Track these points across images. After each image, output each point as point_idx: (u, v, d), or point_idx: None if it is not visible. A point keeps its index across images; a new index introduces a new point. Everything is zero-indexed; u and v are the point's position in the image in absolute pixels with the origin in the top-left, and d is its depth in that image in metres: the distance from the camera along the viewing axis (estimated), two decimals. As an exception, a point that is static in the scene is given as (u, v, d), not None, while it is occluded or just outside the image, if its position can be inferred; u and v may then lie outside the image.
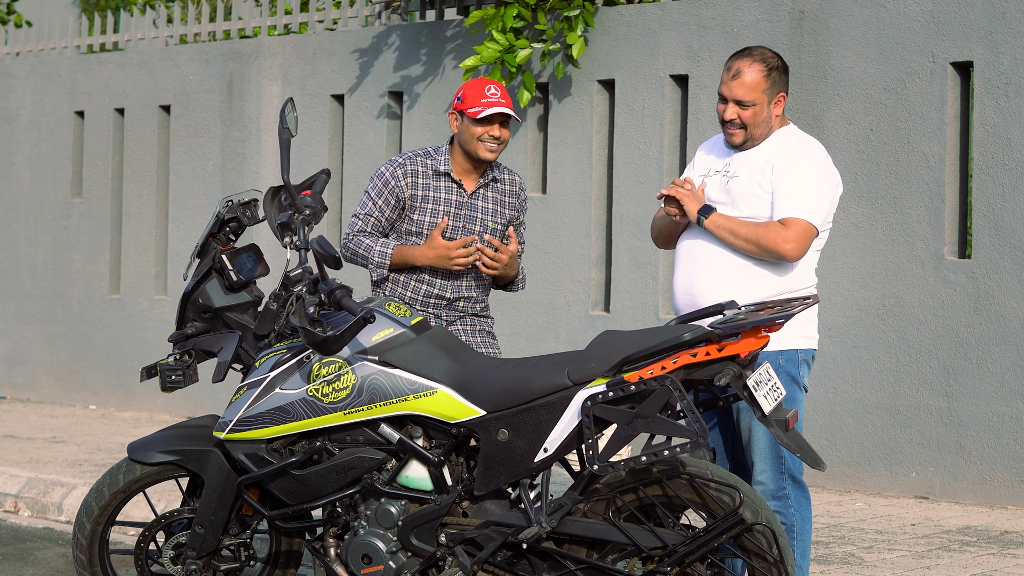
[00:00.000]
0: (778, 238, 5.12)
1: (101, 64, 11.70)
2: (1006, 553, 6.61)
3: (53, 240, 11.96)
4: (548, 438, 4.78)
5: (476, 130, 5.71)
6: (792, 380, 5.19)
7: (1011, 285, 7.68)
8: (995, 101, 7.76)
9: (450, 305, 5.78)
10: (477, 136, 5.70)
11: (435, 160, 5.81)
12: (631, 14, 9.01)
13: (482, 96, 5.71)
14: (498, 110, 5.67)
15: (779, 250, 5.13)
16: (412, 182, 5.75)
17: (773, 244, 5.13)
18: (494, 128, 5.72)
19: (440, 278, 5.75)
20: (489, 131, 5.71)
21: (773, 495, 5.18)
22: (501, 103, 5.69)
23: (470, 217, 5.79)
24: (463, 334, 5.81)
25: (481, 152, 5.73)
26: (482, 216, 5.80)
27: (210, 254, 5.35)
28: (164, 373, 5.33)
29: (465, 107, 5.72)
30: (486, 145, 5.72)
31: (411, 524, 4.92)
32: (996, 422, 7.72)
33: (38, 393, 12.05)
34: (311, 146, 10.40)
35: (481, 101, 5.69)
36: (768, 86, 5.22)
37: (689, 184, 5.30)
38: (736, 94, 5.21)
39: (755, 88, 5.21)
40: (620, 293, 9.00)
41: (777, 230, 5.13)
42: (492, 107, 5.67)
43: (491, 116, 5.69)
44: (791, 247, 5.12)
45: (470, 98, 5.72)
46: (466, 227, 5.77)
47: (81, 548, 5.34)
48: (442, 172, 5.78)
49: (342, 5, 10.57)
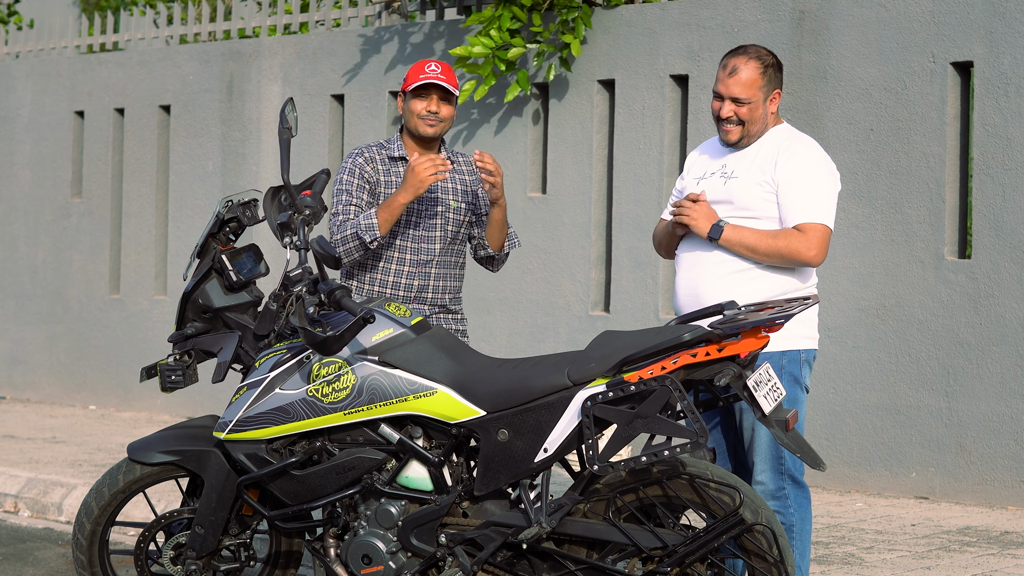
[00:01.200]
0: (800, 247, 5.11)
1: (101, 64, 11.70)
2: (1006, 553, 6.61)
3: (53, 240, 11.96)
4: (548, 438, 4.78)
5: (414, 105, 5.77)
6: (795, 380, 5.19)
7: (1011, 285, 7.68)
8: (995, 101, 7.76)
9: (418, 297, 5.78)
10: (416, 113, 5.76)
11: (388, 148, 5.88)
12: (631, 14, 9.00)
13: (421, 72, 5.78)
14: (430, 81, 5.73)
15: (802, 258, 5.13)
16: (373, 168, 5.81)
17: (796, 254, 5.12)
18: (432, 103, 5.76)
19: (408, 266, 5.77)
20: (427, 106, 5.76)
21: (773, 495, 5.18)
22: (438, 77, 5.74)
23: (430, 199, 5.83)
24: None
25: (421, 128, 5.78)
26: (442, 196, 5.85)
27: (210, 254, 5.35)
28: (164, 373, 5.33)
29: (405, 85, 5.80)
30: (425, 121, 5.77)
31: (411, 524, 4.92)
32: (996, 422, 7.72)
33: (38, 393, 12.05)
34: (311, 146, 10.40)
35: (420, 76, 5.76)
36: (764, 83, 5.23)
37: (692, 198, 5.26)
38: (733, 91, 5.21)
39: (752, 85, 5.21)
40: (620, 293, 9.00)
41: (797, 238, 5.12)
42: (427, 79, 5.73)
43: (426, 88, 5.74)
44: (814, 254, 5.13)
45: (411, 76, 5.81)
46: (428, 209, 5.81)
47: (81, 548, 5.34)
48: (396, 157, 5.85)
49: (342, 5, 10.57)
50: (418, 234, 5.79)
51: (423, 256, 5.78)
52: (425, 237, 5.79)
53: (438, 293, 5.83)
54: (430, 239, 5.80)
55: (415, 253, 5.78)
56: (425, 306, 5.80)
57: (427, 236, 5.79)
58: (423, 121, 5.77)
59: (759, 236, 5.15)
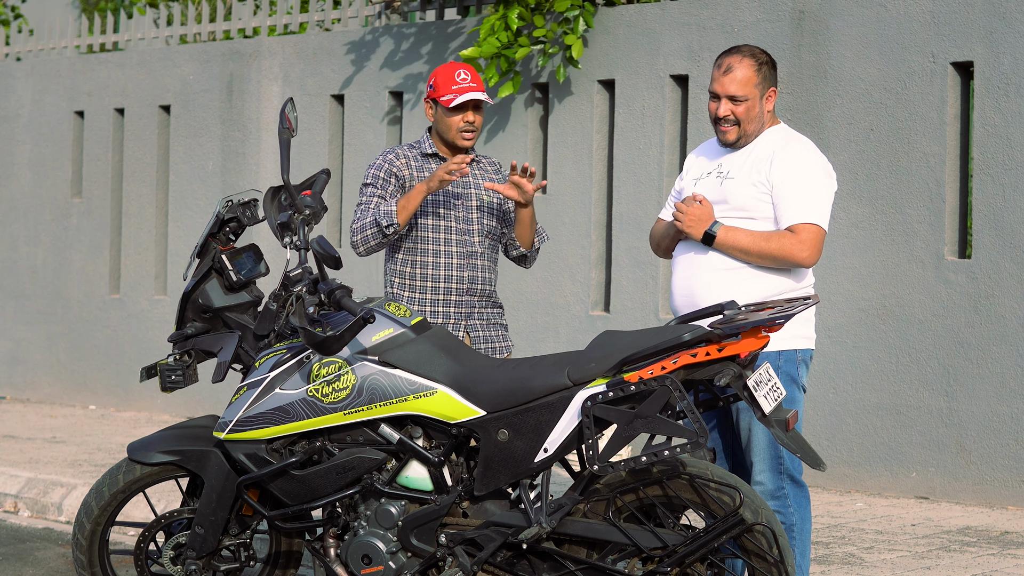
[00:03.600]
0: (792, 248, 5.12)
1: (101, 64, 11.70)
2: (1006, 553, 6.61)
3: (53, 240, 11.96)
4: (548, 438, 4.78)
5: (451, 120, 5.80)
6: (791, 380, 5.19)
7: (1011, 285, 7.68)
8: (995, 101, 7.76)
9: (470, 289, 5.85)
10: (455, 127, 5.80)
11: (419, 147, 5.93)
12: (631, 14, 9.00)
13: (453, 83, 5.78)
14: (470, 96, 5.73)
15: (795, 259, 5.13)
16: (406, 163, 5.86)
17: (788, 255, 5.12)
18: (468, 114, 5.80)
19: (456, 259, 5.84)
20: (464, 118, 5.79)
21: (772, 495, 5.18)
22: (472, 88, 5.76)
23: (464, 194, 5.87)
24: (479, 328, 5.87)
25: (459, 141, 5.84)
26: (475, 191, 5.90)
27: (210, 254, 5.35)
28: (164, 373, 5.33)
29: (438, 95, 5.80)
30: (463, 134, 5.82)
31: (411, 524, 4.92)
32: (996, 422, 7.72)
33: (38, 393, 12.05)
34: (311, 146, 10.40)
35: (452, 88, 5.77)
36: (759, 80, 5.24)
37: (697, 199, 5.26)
38: (729, 89, 5.23)
39: (747, 83, 5.22)
40: (620, 293, 9.00)
41: (790, 240, 5.13)
42: (464, 93, 5.75)
43: (464, 103, 5.73)
44: (806, 255, 5.13)
45: (442, 85, 5.79)
46: (464, 203, 5.85)
47: (81, 548, 5.34)
48: (429, 154, 5.90)
49: (342, 5, 10.57)
50: (459, 227, 5.86)
51: (468, 248, 5.86)
52: (467, 230, 5.86)
53: (485, 284, 5.93)
54: (470, 231, 5.87)
55: (460, 246, 5.85)
56: (475, 298, 5.86)
57: (468, 229, 5.87)
58: (461, 135, 5.82)
59: (752, 238, 5.15)
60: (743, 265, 5.18)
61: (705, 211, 5.21)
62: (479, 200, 5.89)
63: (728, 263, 5.19)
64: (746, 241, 5.15)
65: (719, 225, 5.18)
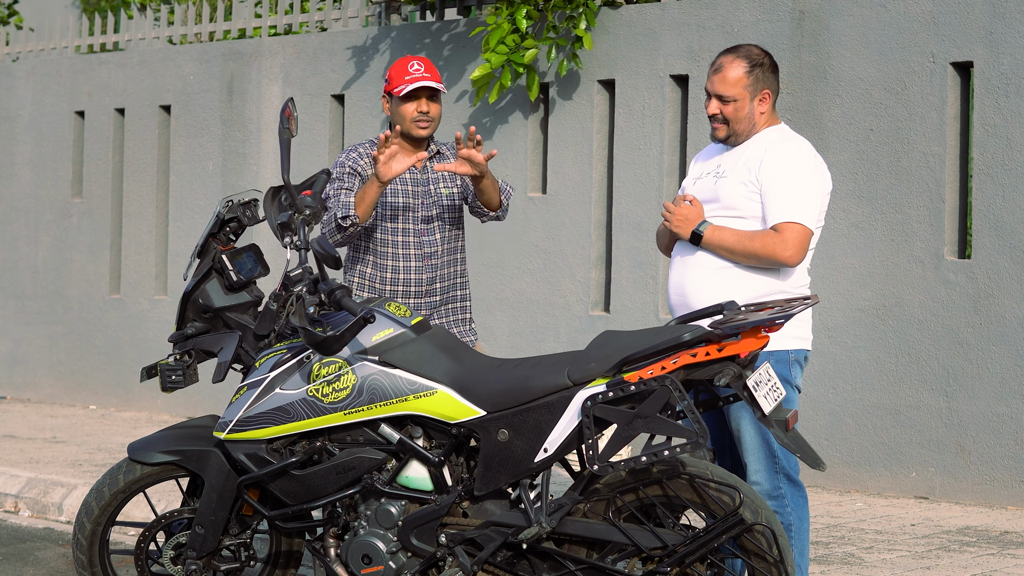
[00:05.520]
0: (776, 247, 5.12)
1: (101, 64, 11.71)
2: (1006, 553, 6.61)
3: (53, 240, 11.97)
4: (548, 438, 4.78)
5: (405, 109, 5.83)
6: (784, 381, 5.18)
7: (1011, 285, 7.69)
8: (995, 101, 7.76)
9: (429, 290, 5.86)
10: (408, 117, 5.82)
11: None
12: (631, 14, 9.01)
13: (405, 74, 5.83)
14: (419, 84, 5.76)
15: (778, 259, 5.13)
16: (367, 163, 5.88)
17: (772, 254, 5.13)
18: (421, 103, 5.82)
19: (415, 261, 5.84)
20: (417, 107, 5.81)
21: (769, 495, 5.18)
22: (424, 77, 5.77)
23: (424, 192, 5.89)
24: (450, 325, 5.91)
25: (414, 130, 5.84)
26: (434, 187, 5.92)
27: (210, 254, 5.35)
28: (164, 373, 5.33)
29: (392, 87, 5.83)
30: (418, 123, 5.83)
31: (411, 524, 4.92)
32: (996, 422, 7.72)
33: (38, 393, 12.05)
34: (311, 146, 10.40)
35: (404, 79, 5.79)
36: (750, 82, 5.25)
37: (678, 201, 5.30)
38: (717, 88, 5.27)
39: (736, 84, 5.24)
40: (620, 293, 9.00)
41: (773, 239, 5.13)
42: (413, 82, 5.77)
43: (415, 91, 5.78)
44: (789, 254, 5.13)
45: (395, 77, 5.85)
46: (424, 201, 5.88)
47: (81, 548, 5.34)
48: None
49: (342, 5, 10.57)
50: (418, 228, 5.86)
51: (427, 249, 5.85)
52: (426, 230, 5.87)
53: (445, 282, 5.92)
54: (430, 231, 5.88)
55: (419, 247, 5.85)
56: (436, 298, 5.87)
57: (427, 228, 5.87)
58: (416, 124, 5.83)
59: (737, 238, 5.17)
60: (732, 265, 5.19)
61: (694, 211, 5.24)
62: (437, 195, 5.91)
63: (717, 263, 5.21)
64: (731, 240, 5.17)
65: (707, 224, 5.21)
